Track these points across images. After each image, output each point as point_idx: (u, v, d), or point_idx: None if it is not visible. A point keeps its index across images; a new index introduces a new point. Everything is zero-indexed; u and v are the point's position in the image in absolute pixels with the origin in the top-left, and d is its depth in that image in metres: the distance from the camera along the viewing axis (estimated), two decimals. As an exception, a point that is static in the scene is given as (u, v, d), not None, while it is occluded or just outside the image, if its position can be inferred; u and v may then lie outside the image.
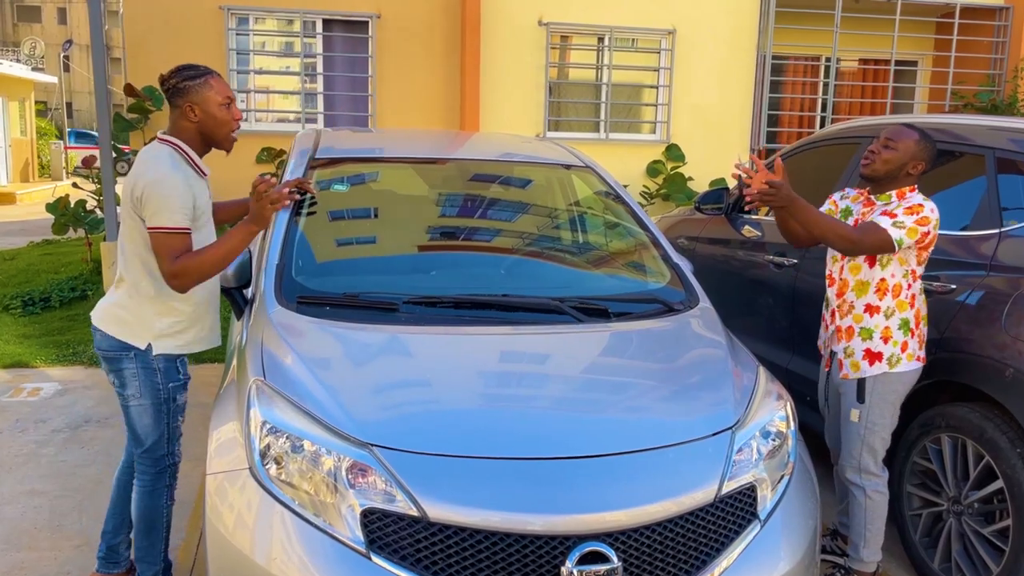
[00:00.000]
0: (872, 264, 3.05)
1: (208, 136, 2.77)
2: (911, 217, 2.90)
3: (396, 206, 3.54)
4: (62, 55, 29.93)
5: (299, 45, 8.89)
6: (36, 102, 27.74)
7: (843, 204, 3.26)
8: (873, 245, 2.91)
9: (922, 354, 3.10)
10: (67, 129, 28.04)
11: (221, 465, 2.32)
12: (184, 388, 2.89)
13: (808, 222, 2.92)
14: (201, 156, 2.82)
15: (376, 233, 3.43)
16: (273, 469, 2.20)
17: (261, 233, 3.08)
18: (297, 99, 9.06)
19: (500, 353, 2.63)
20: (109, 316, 2.78)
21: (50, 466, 4.14)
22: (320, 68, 9.05)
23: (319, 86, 9.08)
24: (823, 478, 3.87)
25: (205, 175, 2.84)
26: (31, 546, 3.38)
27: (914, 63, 10.55)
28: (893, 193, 3.04)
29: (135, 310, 2.75)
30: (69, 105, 40.18)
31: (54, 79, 27.04)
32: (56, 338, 6.23)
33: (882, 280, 3.04)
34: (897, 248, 2.90)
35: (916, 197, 2.98)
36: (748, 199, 2.96)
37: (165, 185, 2.61)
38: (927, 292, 3.23)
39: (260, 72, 9.06)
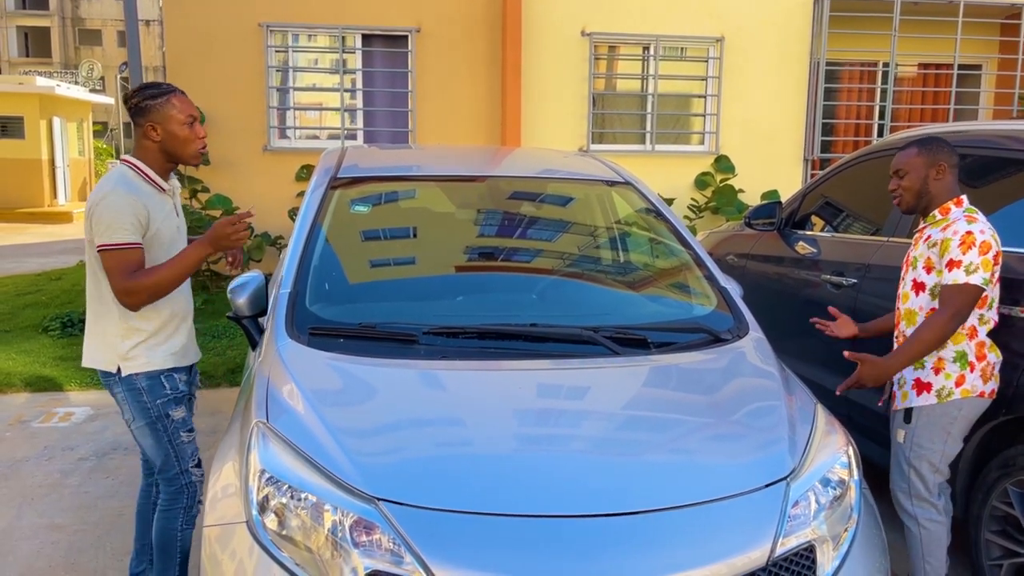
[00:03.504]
0: (919, 291, 2.86)
1: (172, 154, 2.70)
2: (972, 252, 2.69)
3: (420, 227, 3.33)
4: (119, 76, 30.69)
5: (339, 61, 8.80)
6: (95, 123, 28.47)
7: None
8: (967, 304, 2.71)
9: (988, 388, 2.80)
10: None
11: (218, 516, 2.13)
12: (177, 402, 2.76)
13: (916, 353, 2.74)
14: (167, 173, 2.75)
15: (398, 257, 3.23)
16: (273, 523, 2.00)
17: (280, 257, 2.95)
18: (337, 115, 8.97)
19: (526, 392, 2.39)
20: (86, 350, 2.77)
21: (73, 497, 4.02)
22: (360, 84, 8.95)
23: (359, 102, 8.98)
24: (894, 517, 3.56)
25: (165, 191, 2.74)
26: (43, 586, 3.24)
27: (978, 67, 10.04)
28: (936, 212, 2.89)
29: (99, 335, 2.70)
30: (128, 125, 41.24)
31: (111, 100, 27.71)
32: (92, 360, 6.17)
33: (933, 310, 2.81)
34: (988, 287, 2.73)
35: (959, 223, 2.76)
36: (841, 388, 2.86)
37: (110, 202, 2.56)
38: (1007, 319, 2.91)
39: (300, 89, 9.00)
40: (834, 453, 2.28)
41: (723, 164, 9.17)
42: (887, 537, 2.37)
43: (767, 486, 2.07)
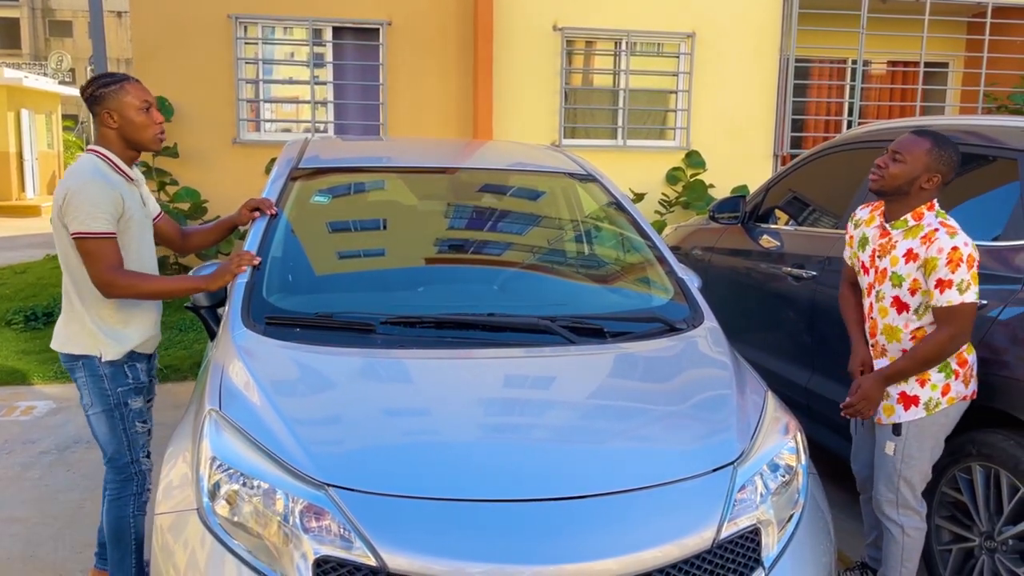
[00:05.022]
0: (902, 310, 2.77)
1: (131, 141, 2.73)
2: (961, 269, 2.60)
3: (382, 218, 3.34)
4: (88, 68, 30.31)
5: (309, 53, 8.75)
6: (65, 115, 28.05)
7: (859, 233, 2.98)
8: (970, 324, 2.66)
9: (969, 390, 2.80)
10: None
11: (169, 503, 2.13)
12: (136, 392, 2.81)
13: (911, 371, 2.72)
14: (130, 161, 2.78)
15: (358, 248, 3.23)
16: (224, 510, 2.00)
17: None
18: (307, 108, 8.92)
19: (479, 380, 2.40)
20: (58, 334, 2.80)
21: (33, 490, 3.99)
22: (330, 76, 8.91)
23: (329, 95, 8.94)
24: (850, 504, 3.63)
25: (133, 180, 2.78)
26: (0, 578, 3.22)
27: (945, 65, 10.19)
28: (909, 216, 2.74)
29: (75, 323, 2.73)
30: (99, 118, 40.57)
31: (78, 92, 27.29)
32: (55, 353, 6.10)
33: (919, 329, 2.76)
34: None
35: (941, 236, 2.63)
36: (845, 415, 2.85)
37: (89, 190, 2.59)
38: None
39: (270, 81, 8.94)
40: (782, 439, 2.32)
41: (694, 159, 9.23)
42: (838, 522, 2.42)
43: (714, 470, 2.10)
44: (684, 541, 1.94)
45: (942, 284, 2.62)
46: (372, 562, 1.82)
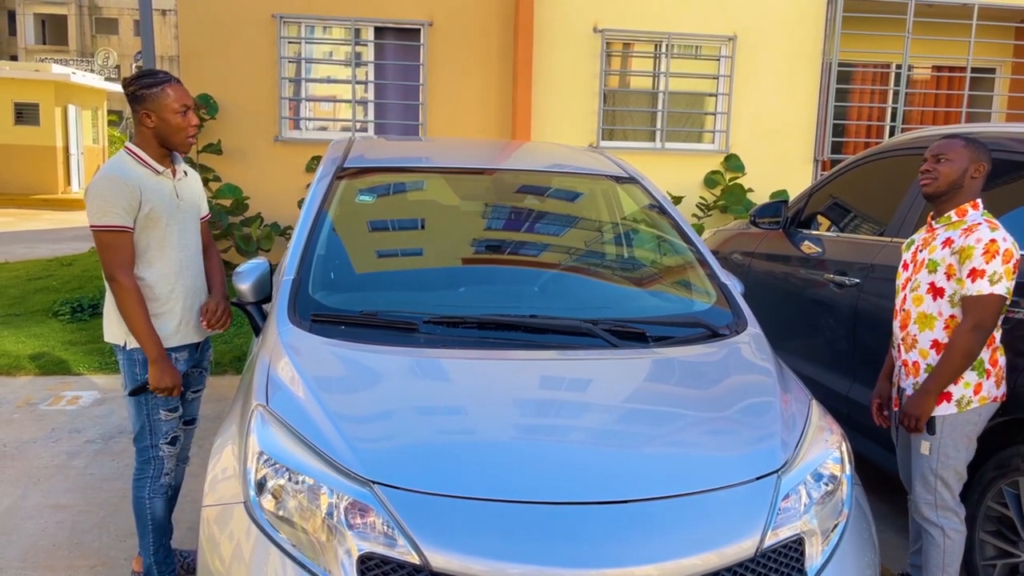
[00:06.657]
0: (937, 296, 2.80)
1: (164, 140, 2.80)
2: (996, 261, 2.64)
3: (424, 219, 3.36)
4: (133, 65, 30.84)
5: (351, 53, 8.83)
6: (110, 111, 28.62)
7: (910, 239, 3.07)
8: (993, 316, 2.68)
9: (1000, 392, 2.80)
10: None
11: (217, 496, 2.17)
12: None
13: (948, 373, 2.72)
14: (164, 157, 2.84)
15: (401, 247, 3.26)
16: (270, 504, 2.03)
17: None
18: (348, 107, 9.01)
19: (522, 381, 2.41)
20: (104, 321, 2.93)
21: (78, 479, 4.08)
22: (371, 76, 8.99)
23: (370, 94, 9.02)
24: (891, 516, 3.58)
25: (160, 172, 2.82)
26: (47, 564, 3.29)
27: (992, 70, 9.99)
28: (952, 213, 2.83)
29: (111, 312, 2.84)
30: (141, 114, 41.19)
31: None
32: (101, 345, 6.24)
33: (952, 317, 2.77)
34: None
35: (982, 228, 2.70)
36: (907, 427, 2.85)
37: (100, 186, 2.68)
38: (1007, 319, 2.92)
39: (312, 80, 9.04)
40: (827, 448, 2.30)
41: (733, 163, 9.16)
42: (879, 534, 2.39)
43: (758, 479, 2.09)
44: (726, 550, 1.93)
45: (975, 273, 2.67)
46: (415, 560, 1.84)
